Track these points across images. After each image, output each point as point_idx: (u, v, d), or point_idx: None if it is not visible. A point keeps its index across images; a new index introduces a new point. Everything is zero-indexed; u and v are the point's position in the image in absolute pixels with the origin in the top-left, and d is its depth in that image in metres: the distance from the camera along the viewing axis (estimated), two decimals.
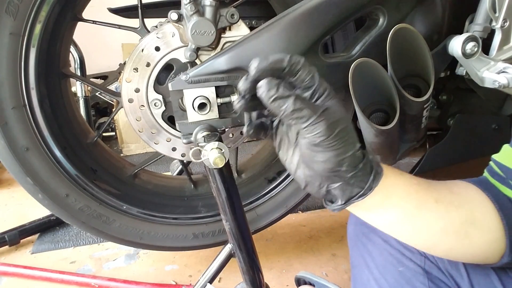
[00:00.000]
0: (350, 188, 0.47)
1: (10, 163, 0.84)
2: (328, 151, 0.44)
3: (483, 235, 0.50)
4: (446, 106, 1.04)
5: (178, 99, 0.78)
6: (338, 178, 0.46)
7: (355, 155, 0.46)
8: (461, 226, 0.50)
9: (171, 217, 1.04)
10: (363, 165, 0.47)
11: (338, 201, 0.49)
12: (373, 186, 0.47)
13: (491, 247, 0.51)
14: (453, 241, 0.50)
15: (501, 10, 0.78)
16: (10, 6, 0.74)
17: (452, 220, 0.50)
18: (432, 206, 0.50)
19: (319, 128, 0.43)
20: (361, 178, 0.47)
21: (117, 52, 2.39)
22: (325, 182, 0.47)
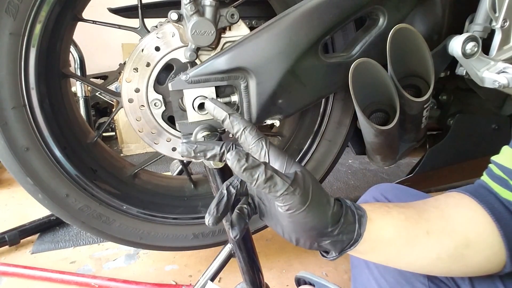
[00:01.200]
0: (340, 241, 0.48)
1: (10, 163, 0.84)
2: (308, 219, 0.45)
3: (479, 254, 0.50)
4: (446, 106, 1.04)
5: (178, 99, 0.78)
6: (326, 237, 0.47)
7: (334, 212, 0.47)
8: (456, 250, 0.50)
9: (171, 217, 1.04)
10: (345, 217, 0.48)
11: (332, 253, 0.50)
12: (362, 232, 0.48)
13: (490, 262, 0.51)
14: (450, 265, 0.51)
15: (501, 10, 0.78)
16: (10, 6, 0.74)
17: (446, 248, 0.50)
18: (424, 239, 0.50)
19: (294, 198, 0.43)
20: (348, 229, 0.48)
21: (117, 52, 2.38)
22: (314, 242, 0.48)
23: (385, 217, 0.51)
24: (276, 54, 0.75)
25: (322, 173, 1.08)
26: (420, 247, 0.50)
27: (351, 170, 1.88)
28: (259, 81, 0.76)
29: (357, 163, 1.96)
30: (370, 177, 1.80)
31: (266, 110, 0.79)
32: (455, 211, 0.52)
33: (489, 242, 0.50)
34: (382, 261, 0.54)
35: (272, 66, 0.75)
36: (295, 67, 0.77)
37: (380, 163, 1.00)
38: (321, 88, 0.83)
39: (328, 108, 1.01)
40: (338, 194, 1.63)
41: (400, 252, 0.51)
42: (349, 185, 1.72)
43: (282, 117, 0.83)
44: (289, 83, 0.78)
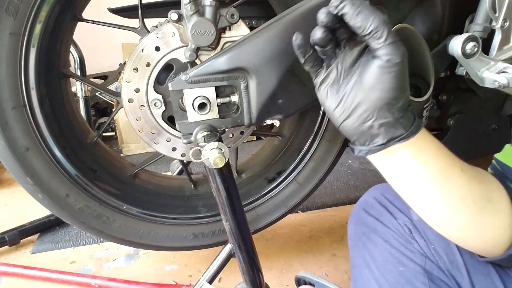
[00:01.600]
0: (395, 127, 0.46)
1: (10, 163, 0.84)
2: (394, 80, 0.44)
3: (498, 215, 0.50)
4: (446, 106, 1.04)
5: (178, 99, 0.78)
6: (390, 113, 0.46)
7: (408, 97, 0.46)
8: (480, 200, 0.49)
9: (171, 217, 1.03)
10: (410, 111, 0.47)
11: (377, 140, 0.48)
12: (416, 132, 0.47)
13: (503, 232, 0.50)
14: (470, 214, 0.50)
15: (501, 10, 0.78)
16: (10, 6, 0.74)
17: (473, 193, 0.49)
18: (457, 174, 0.49)
19: (397, 50, 0.44)
20: (407, 120, 0.46)
21: (117, 52, 2.38)
22: (375, 114, 0.46)
23: (432, 137, 0.50)
24: (276, 54, 0.75)
25: (322, 173, 1.08)
26: (451, 180, 0.49)
27: (351, 170, 1.88)
28: (259, 81, 0.76)
29: (357, 163, 1.96)
30: (370, 177, 1.80)
31: (266, 110, 0.79)
32: (484, 172, 0.53)
33: (506, 210, 0.50)
34: (409, 184, 0.51)
35: (272, 66, 0.75)
36: (295, 67, 0.77)
37: None
38: None
39: None
40: (338, 194, 1.63)
41: (433, 176, 0.49)
42: (349, 185, 1.72)
43: (282, 117, 0.83)
44: (289, 83, 0.78)
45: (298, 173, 1.08)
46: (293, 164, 1.08)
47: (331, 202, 1.55)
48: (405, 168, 0.49)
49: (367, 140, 0.49)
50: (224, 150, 0.71)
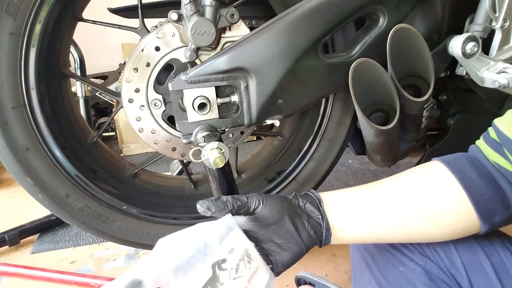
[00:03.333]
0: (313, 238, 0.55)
1: (10, 163, 0.84)
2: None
3: (446, 214, 0.54)
4: (446, 106, 1.04)
5: (178, 99, 0.78)
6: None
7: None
8: (421, 213, 0.55)
9: (171, 217, 1.03)
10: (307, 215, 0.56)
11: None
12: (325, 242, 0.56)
13: (463, 223, 0.54)
14: (422, 226, 0.56)
15: (501, 10, 0.78)
16: (10, 6, 0.74)
17: (410, 212, 0.55)
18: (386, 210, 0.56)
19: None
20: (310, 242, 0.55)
21: (117, 52, 2.38)
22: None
23: (339, 196, 0.59)
24: (276, 54, 0.75)
25: (322, 173, 1.08)
26: (383, 223, 0.56)
27: (351, 170, 1.88)
28: (259, 81, 0.76)
29: (357, 163, 1.96)
30: (370, 177, 1.80)
31: (266, 110, 0.79)
32: (416, 182, 0.57)
33: (458, 207, 0.53)
34: (359, 237, 0.58)
35: (272, 66, 0.75)
36: (295, 67, 0.77)
37: (380, 163, 1.00)
38: (321, 88, 0.83)
39: (328, 108, 1.01)
40: None
41: (368, 223, 0.56)
42: (349, 185, 1.72)
43: (282, 117, 0.83)
44: (289, 83, 0.78)
45: (298, 173, 1.08)
46: (293, 164, 1.08)
47: None
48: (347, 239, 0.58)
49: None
50: (224, 150, 0.71)
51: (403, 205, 0.56)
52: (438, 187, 0.55)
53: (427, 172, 0.57)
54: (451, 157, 0.57)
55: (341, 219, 0.56)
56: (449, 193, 0.54)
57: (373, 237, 0.58)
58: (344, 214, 0.57)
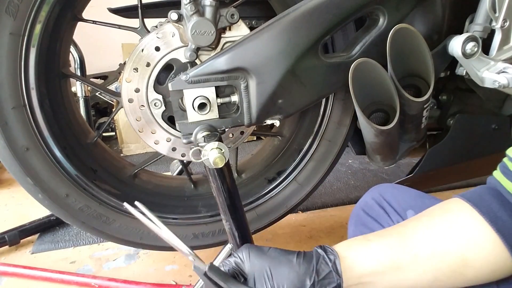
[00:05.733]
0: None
1: (10, 163, 0.84)
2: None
3: (482, 269, 0.49)
4: (446, 106, 1.04)
5: (178, 99, 0.78)
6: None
7: (302, 273, 0.50)
8: (453, 271, 0.50)
9: (171, 217, 1.03)
10: (319, 268, 0.50)
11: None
12: (340, 275, 0.50)
13: (495, 275, 0.50)
14: (452, 282, 0.51)
15: (501, 10, 0.78)
16: (10, 6, 0.74)
17: (441, 270, 0.50)
18: (413, 264, 0.51)
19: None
20: (326, 278, 0.50)
21: (117, 52, 2.38)
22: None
23: (362, 250, 0.52)
24: (276, 54, 0.75)
25: (322, 173, 1.08)
26: (411, 272, 0.51)
27: (351, 170, 1.88)
28: (259, 81, 0.76)
29: (357, 163, 1.96)
30: (370, 177, 1.80)
31: (266, 110, 0.79)
32: (450, 229, 0.51)
33: (491, 258, 0.49)
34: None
35: (272, 66, 0.75)
36: (295, 67, 0.77)
37: (380, 163, 1.00)
38: (321, 88, 0.83)
39: (328, 108, 1.01)
40: (338, 194, 1.63)
41: (392, 279, 0.51)
42: (349, 185, 1.72)
43: (282, 117, 0.83)
44: (289, 83, 0.78)
45: (298, 173, 1.08)
46: (293, 164, 1.08)
47: (331, 202, 1.55)
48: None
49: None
50: (224, 150, 0.71)
51: (435, 262, 0.50)
52: (471, 237, 0.49)
53: (456, 219, 0.51)
54: (474, 194, 0.52)
55: (366, 274, 0.51)
56: (483, 241, 0.49)
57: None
58: (370, 269, 0.51)
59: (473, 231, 0.49)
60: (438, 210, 0.54)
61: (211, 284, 0.50)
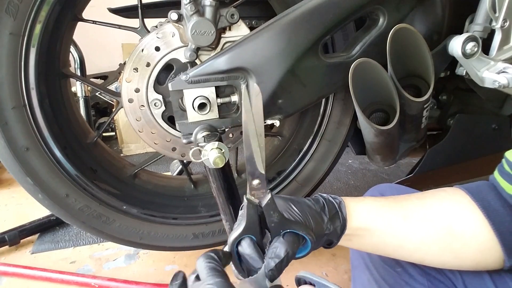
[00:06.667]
0: (333, 232, 0.53)
1: (10, 163, 0.84)
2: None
3: (470, 247, 0.51)
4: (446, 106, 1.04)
5: (178, 99, 0.78)
6: (324, 235, 0.53)
7: (318, 212, 0.53)
8: (439, 237, 0.52)
9: (171, 217, 1.03)
10: (328, 209, 0.54)
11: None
12: (345, 216, 0.53)
13: (484, 257, 0.51)
14: (438, 253, 0.53)
15: (501, 10, 0.78)
16: (10, 6, 0.74)
17: (428, 232, 0.52)
18: (402, 223, 0.53)
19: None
20: (334, 217, 0.53)
21: (117, 52, 2.38)
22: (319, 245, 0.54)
23: (360, 205, 0.56)
24: (276, 54, 0.75)
25: (322, 173, 1.08)
26: (401, 232, 0.54)
27: (351, 170, 1.88)
28: (259, 81, 0.76)
29: (357, 163, 1.96)
30: (370, 177, 1.80)
31: (266, 110, 0.79)
32: (439, 203, 0.54)
33: (480, 237, 0.50)
34: (371, 247, 0.57)
35: (272, 66, 0.75)
36: (295, 67, 0.77)
37: (380, 163, 1.00)
38: (321, 88, 0.83)
39: (328, 108, 1.01)
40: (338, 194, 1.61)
41: (382, 236, 0.54)
42: (349, 185, 1.72)
43: (282, 117, 0.83)
44: (289, 83, 0.78)
45: (298, 173, 1.08)
46: (293, 164, 1.08)
47: None
48: (357, 243, 0.57)
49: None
50: (224, 150, 0.71)
51: (423, 225, 0.53)
52: (461, 215, 0.52)
53: (450, 198, 0.54)
54: (473, 185, 0.55)
55: (360, 227, 0.54)
56: (471, 220, 0.51)
57: (385, 251, 0.57)
58: (364, 222, 0.55)
59: (462, 210, 0.52)
60: (434, 190, 0.58)
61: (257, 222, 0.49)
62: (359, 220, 0.54)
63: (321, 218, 0.52)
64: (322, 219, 0.52)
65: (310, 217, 0.51)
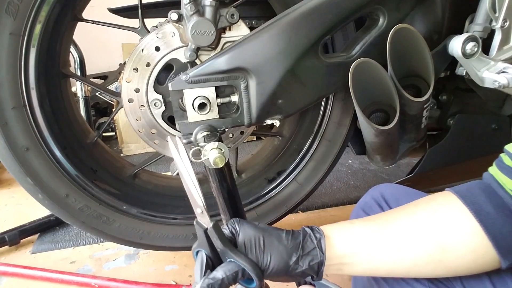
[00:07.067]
0: (309, 268, 0.53)
1: (10, 163, 0.84)
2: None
3: (461, 257, 0.51)
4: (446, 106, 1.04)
5: (178, 99, 0.78)
6: (294, 271, 0.53)
7: (289, 248, 0.53)
8: (430, 256, 0.52)
9: (171, 217, 1.03)
10: (304, 245, 0.53)
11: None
12: (324, 252, 0.53)
13: (477, 264, 0.51)
14: (432, 269, 0.52)
15: (501, 10, 0.78)
16: (10, 6, 0.74)
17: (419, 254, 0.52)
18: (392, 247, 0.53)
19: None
20: (311, 254, 0.53)
21: (117, 52, 2.38)
22: (289, 278, 0.55)
23: (345, 232, 0.55)
24: (276, 54, 0.75)
25: (322, 173, 1.08)
26: (391, 255, 0.53)
27: (351, 170, 1.88)
28: (259, 81, 0.76)
29: (357, 163, 1.96)
30: (370, 177, 1.80)
31: (266, 110, 0.79)
32: (430, 218, 0.53)
33: (471, 246, 0.50)
34: (363, 273, 0.57)
35: (272, 66, 0.75)
36: (295, 67, 0.77)
37: (380, 163, 1.00)
38: (321, 88, 0.83)
39: (328, 108, 1.01)
40: (338, 194, 1.63)
41: (372, 261, 0.54)
42: (349, 185, 1.72)
43: (282, 117, 0.83)
44: (289, 83, 0.78)
45: (298, 173, 1.08)
46: (293, 164, 1.08)
47: (331, 202, 1.55)
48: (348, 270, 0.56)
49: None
50: (224, 150, 0.71)
51: (413, 246, 0.52)
52: (451, 225, 0.51)
53: (440, 208, 0.53)
54: (464, 187, 0.54)
55: (347, 254, 0.54)
56: (463, 230, 0.50)
57: (378, 273, 0.57)
58: (351, 250, 0.54)
59: (453, 220, 0.51)
60: (424, 200, 0.56)
61: (206, 242, 0.53)
62: (345, 248, 0.54)
63: (289, 255, 0.52)
64: (289, 256, 0.52)
65: (271, 253, 0.52)
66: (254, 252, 0.53)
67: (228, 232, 0.55)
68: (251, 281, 0.53)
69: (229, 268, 0.51)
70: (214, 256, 0.54)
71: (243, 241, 0.54)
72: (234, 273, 0.51)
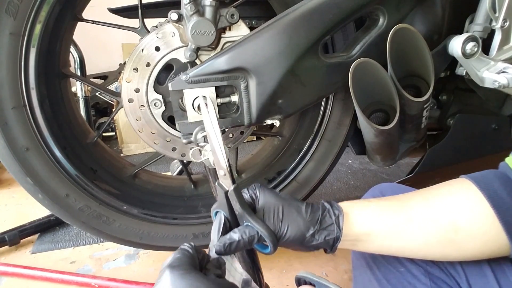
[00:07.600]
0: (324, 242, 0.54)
1: (10, 163, 0.84)
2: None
3: (473, 239, 0.51)
4: (446, 106, 1.04)
5: (178, 99, 0.78)
6: (309, 242, 0.55)
7: (308, 221, 0.54)
8: (443, 236, 0.52)
9: (171, 217, 1.04)
10: (322, 220, 0.55)
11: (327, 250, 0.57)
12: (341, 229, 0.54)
13: (488, 247, 0.51)
14: (442, 249, 0.53)
15: (501, 10, 0.78)
16: (10, 6, 0.74)
17: (432, 233, 0.53)
18: (407, 226, 0.54)
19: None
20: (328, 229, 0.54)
21: (117, 52, 2.39)
22: (303, 248, 0.56)
23: (363, 211, 0.56)
24: (276, 54, 0.75)
25: (322, 173, 1.08)
26: (404, 234, 0.54)
27: (351, 170, 1.88)
28: (259, 81, 0.76)
29: (357, 163, 1.96)
30: (370, 177, 1.80)
31: (266, 110, 0.79)
32: (444, 198, 0.54)
33: (482, 228, 0.51)
34: (375, 250, 0.58)
35: (272, 66, 0.75)
36: (295, 67, 0.77)
37: (380, 163, 1.00)
38: (321, 88, 0.83)
39: (328, 108, 1.01)
40: (338, 194, 1.63)
41: (386, 240, 0.55)
42: (349, 185, 1.72)
43: (282, 117, 0.83)
44: (289, 83, 0.78)
45: (298, 173, 1.08)
46: (293, 164, 1.09)
47: None
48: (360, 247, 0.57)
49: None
50: None
51: (425, 226, 0.53)
52: (465, 207, 0.52)
53: (454, 191, 0.54)
54: (479, 174, 0.54)
55: (363, 233, 0.55)
56: (476, 211, 0.51)
57: (389, 252, 0.58)
58: (367, 229, 0.55)
59: (467, 202, 0.52)
60: (439, 185, 0.57)
61: (225, 204, 0.54)
62: (362, 226, 0.55)
63: (306, 228, 0.54)
64: (306, 229, 0.53)
65: (289, 223, 0.53)
66: (272, 220, 0.53)
67: (248, 197, 0.56)
68: (266, 247, 0.54)
69: (246, 232, 0.52)
70: (232, 218, 0.54)
71: (262, 208, 0.54)
72: (250, 237, 0.52)
